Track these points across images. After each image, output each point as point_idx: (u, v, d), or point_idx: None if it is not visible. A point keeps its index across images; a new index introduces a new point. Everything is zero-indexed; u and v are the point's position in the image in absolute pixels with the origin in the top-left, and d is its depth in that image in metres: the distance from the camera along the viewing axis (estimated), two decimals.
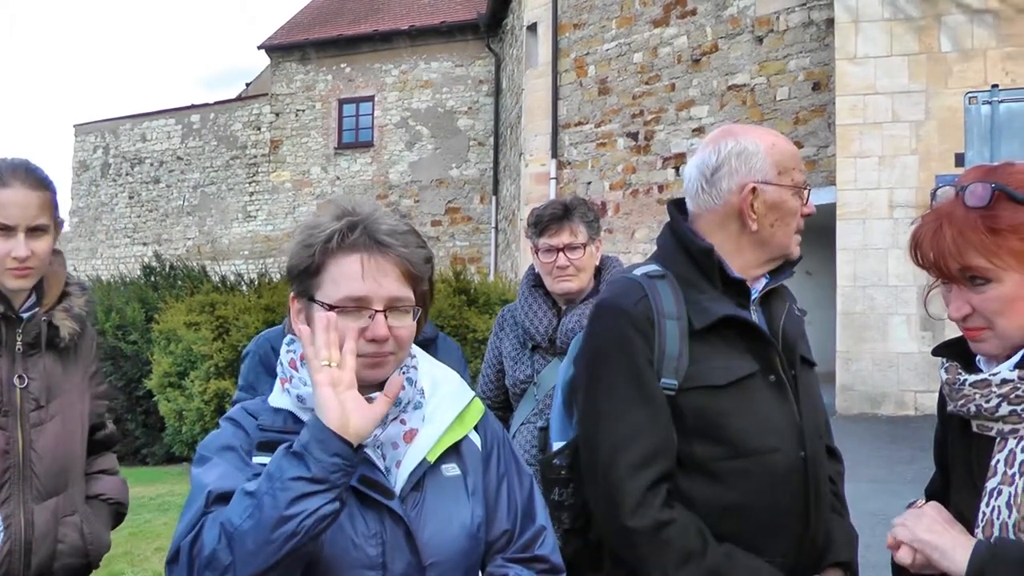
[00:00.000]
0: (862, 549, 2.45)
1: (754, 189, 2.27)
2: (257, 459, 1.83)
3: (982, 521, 1.82)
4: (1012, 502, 1.78)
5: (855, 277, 11.86)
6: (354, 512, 1.81)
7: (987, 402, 1.83)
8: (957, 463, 1.95)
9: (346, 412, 1.70)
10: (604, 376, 2.26)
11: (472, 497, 1.96)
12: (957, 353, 1.95)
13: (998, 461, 1.82)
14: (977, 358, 1.91)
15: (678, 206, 2.42)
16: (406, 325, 1.89)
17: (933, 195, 1.91)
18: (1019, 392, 1.80)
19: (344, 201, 1.96)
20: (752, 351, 2.25)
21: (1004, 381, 1.81)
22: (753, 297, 2.34)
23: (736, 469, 2.20)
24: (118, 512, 2.98)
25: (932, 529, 1.82)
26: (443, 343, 3.47)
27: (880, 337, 11.59)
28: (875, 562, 2.54)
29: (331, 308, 1.84)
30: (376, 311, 1.85)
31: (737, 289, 2.30)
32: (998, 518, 1.79)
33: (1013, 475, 1.79)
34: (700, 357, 2.21)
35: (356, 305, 1.85)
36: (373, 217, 1.91)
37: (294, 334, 1.95)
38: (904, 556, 1.83)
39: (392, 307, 1.87)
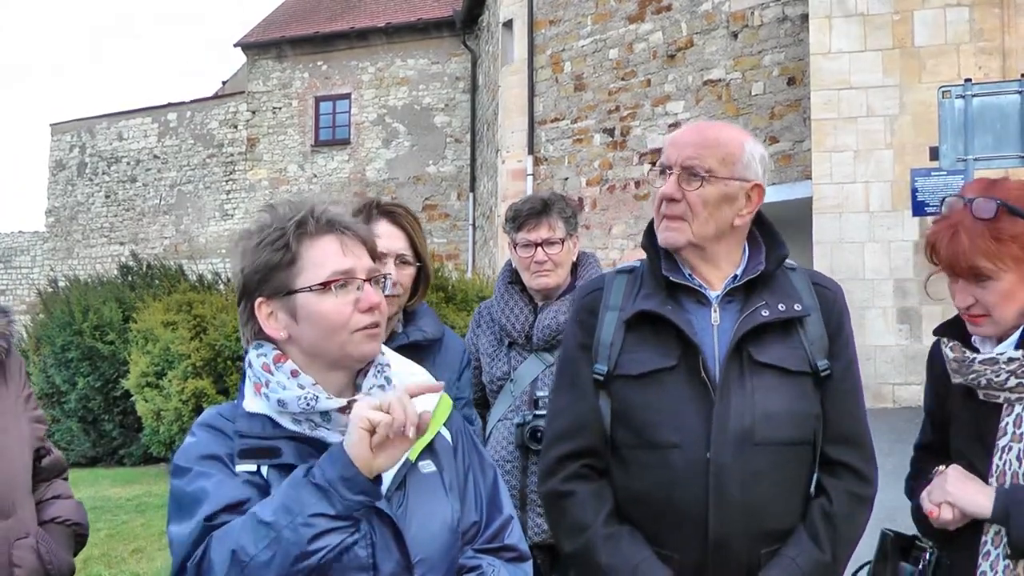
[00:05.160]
0: None
1: None
2: (240, 467, 1.83)
3: (995, 472, 2.26)
4: (1022, 455, 2.22)
5: (831, 271, 11.88)
6: None
7: (997, 376, 2.25)
8: (964, 425, 2.36)
9: (376, 454, 1.72)
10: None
11: (450, 493, 1.97)
12: (954, 333, 2.38)
13: (1007, 423, 2.26)
14: (973, 338, 2.34)
15: None
16: (384, 297, 1.94)
17: (941, 203, 2.32)
18: None
19: (282, 202, 1.98)
20: (680, 347, 2.30)
21: (1011, 359, 2.24)
22: (716, 295, 2.36)
23: (640, 459, 2.31)
24: (78, 534, 2.86)
25: (958, 485, 2.26)
26: (450, 341, 3.27)
27: (857, 330, 11.44)
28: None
29: (323, 286, 1.86)
30: (363, 280, 1.89)
31: (685, 287, 2.37)
32: (1009, 469, 2.24)
33: (1021, 434, 2.24)
34: (630, 347, 2.34)
35: (345, 277, 1.87)
36: (325, 205, 1.95)
37: (264, 339, 1.94)
38: (947, 514, 2.25)
39: (372, 277, 1.91)
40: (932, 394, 2.53)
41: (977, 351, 2.32)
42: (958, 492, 2.24)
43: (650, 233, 2.45)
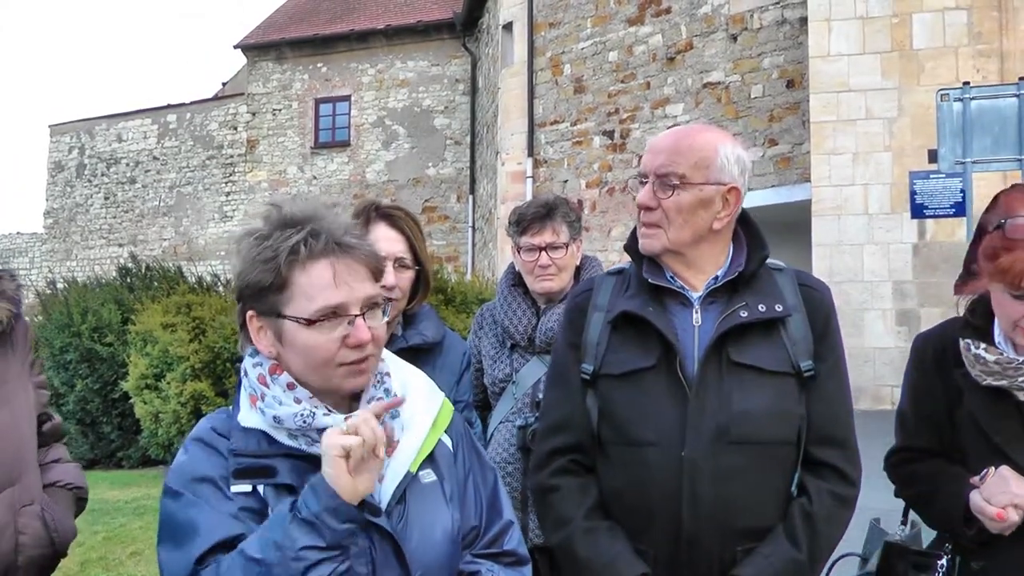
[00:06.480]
0: None
1: None
2: (235, 487, 1.80)
3: None
4: None
5: (831, 273, 11.91)
6: None
7: None
8: (999, 426, 2.34)
9: (355, 479, 1.70)
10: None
11: (451, 503, 1.94)
12: (972, 334, 2.38)
13: None
14: (997, 341, 2.35)
15: None
16: (381, 324, 1.86)
17: (1000, 226, 2.25)
18: None
19: (284, 204, 1.88)
20: (660, 348, 2.32)
21: None
22: (696, 296, 2.38)
23: (620, 456, 2.34)
24: (79, 497, 2.88)
25: (1022, 486, 2.24)
26: (451, 344, 3.24)
27: (856, 332, 11.64)
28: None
29: (308, 322, 1.79)
30: (355, 315, 1.81)
31: (668, 289, 2.40)
32: None
33: None
34: (614, 347, 2.38)
35: (334, 314, 1.80)
36: (327, 219, 1.85)
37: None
38: (1014, 515, 2.23)
39: (368, 307, 1.83)
40: (928, 395, 2.51)
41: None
42: None
43: (634, 237, 2.47)
